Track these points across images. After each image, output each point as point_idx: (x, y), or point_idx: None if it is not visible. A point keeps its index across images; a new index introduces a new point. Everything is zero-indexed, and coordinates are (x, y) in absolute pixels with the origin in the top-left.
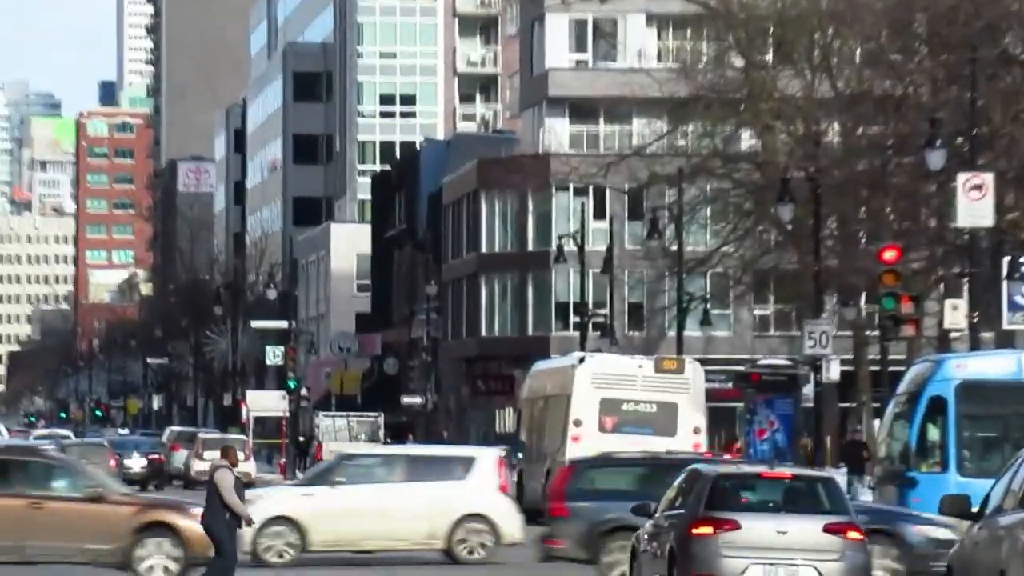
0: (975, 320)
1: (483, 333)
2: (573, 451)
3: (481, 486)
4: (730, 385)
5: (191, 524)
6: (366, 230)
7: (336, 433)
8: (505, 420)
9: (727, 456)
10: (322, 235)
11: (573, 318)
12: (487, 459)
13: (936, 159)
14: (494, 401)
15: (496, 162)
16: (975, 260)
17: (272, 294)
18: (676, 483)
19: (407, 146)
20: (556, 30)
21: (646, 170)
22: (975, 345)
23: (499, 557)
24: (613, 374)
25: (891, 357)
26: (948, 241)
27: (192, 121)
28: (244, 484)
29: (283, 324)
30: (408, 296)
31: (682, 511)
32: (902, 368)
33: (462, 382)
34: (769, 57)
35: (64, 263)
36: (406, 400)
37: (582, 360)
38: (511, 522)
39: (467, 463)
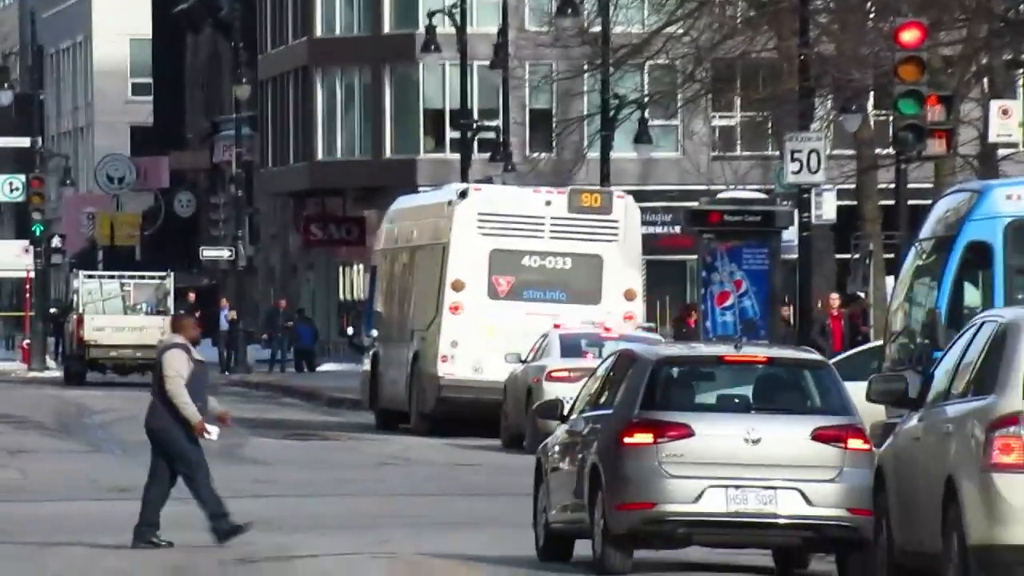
0: None
1: (319, 156)
2: (452, 326)
3: None
4: (678, 229)
5: None
6: (144, 2)
7: (104, 302)
8: (352, 282)
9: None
10: (78, 10)
11: (450, 133)
12: None
13: None
14: (336, 255)
15: None
16: None
17: (6, 98)
18: (600, 370)
19: None
20: None
21: None
22: None
23: None
24: (509, 215)
25: (912, 186)
26: (996, 14)
27: None
28: (207, 374)
29: (23, 142)
30: (209, 102)
31: (609, 411)
32: (927, 202)
33: (289, 228)
34: None
35: None
36: (208, 254)
37: (463, 194)
38: None
39: None
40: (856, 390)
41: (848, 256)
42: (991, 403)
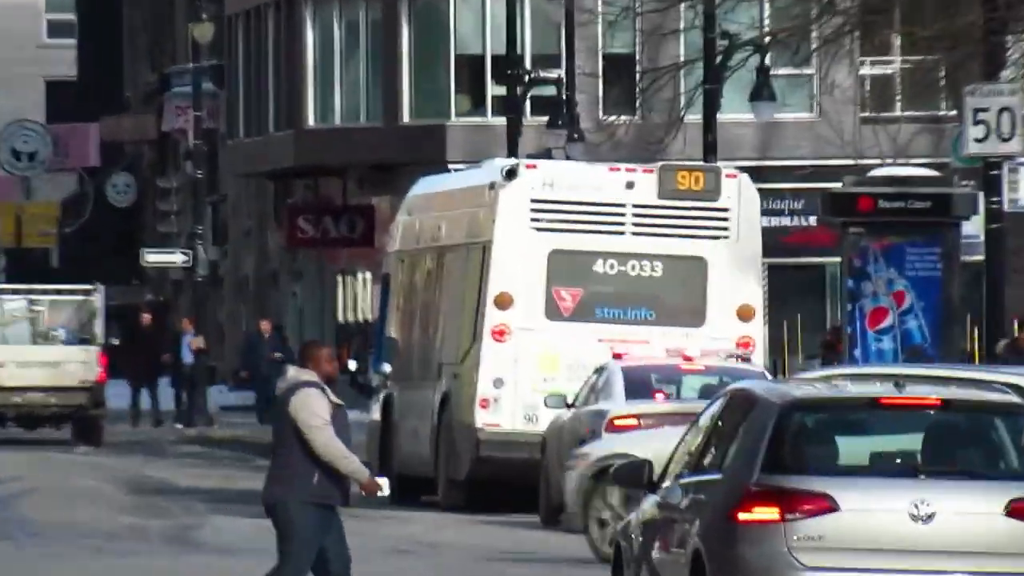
0: None
1: (310, 122)
2: (496, 359)
3: None
4: (813, 221)
5: None
6: None
7: (5, 328)
8: (356, 297)
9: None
10: None
11: (493, 89)
12: None
13: None
14: (334, 259)
15: None
16: None
17: None
18: (704, 418)
19: None
20: None
21: None
22: None
23: None
24: (575, 202)
25: None
26: None
27: None
28: (348, 421)
29: None
30: (155, 48)
31: (716, 475)
32: None
33: (268, 222)
34: None
35: None
36: (153, 259)
37: (511, 174)
38: None
39: None
40: None
41: None
42: None
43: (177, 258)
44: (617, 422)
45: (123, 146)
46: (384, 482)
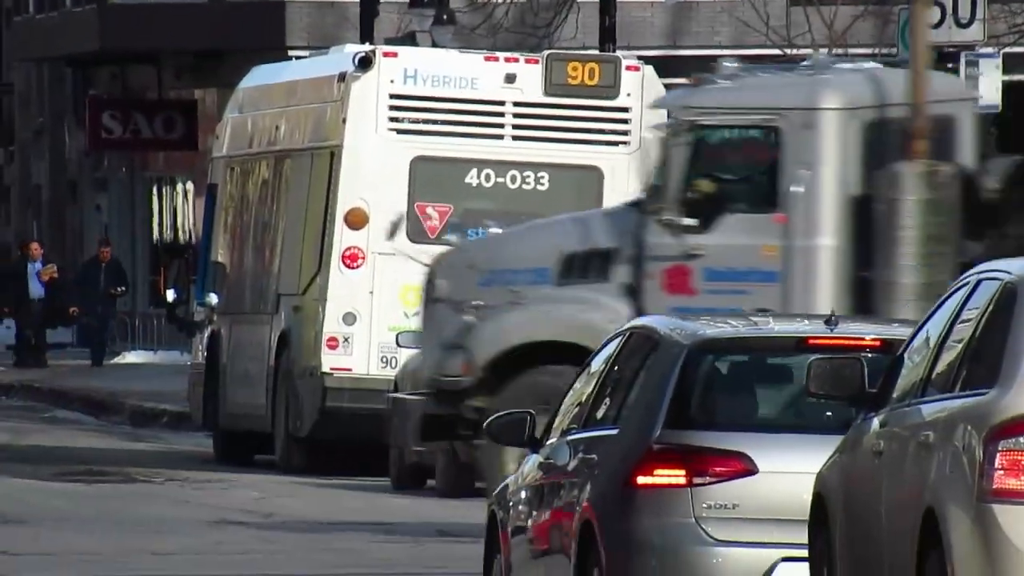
0: None
1: None
2: (347, 290)
3: None
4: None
5: None
6: None
7: None
8: (176, 212)
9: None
10: None
11: None
12: None
13: None
14: (148, 165)
15: None
16: None
17: None
18: (597, 361)
19: None
20: None
21: None
22: None
23: None
24: (443, 99)
25: None
26: None
27: None
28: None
29: None
30: None
31: (611, 431)
32: None
33: (66, 118)
34: None
35: None
36: None
37: (365, 63)
38: None
39: None
40: None
41: None
42: (992, 400)
43: None
44: None
45: None
46: None
